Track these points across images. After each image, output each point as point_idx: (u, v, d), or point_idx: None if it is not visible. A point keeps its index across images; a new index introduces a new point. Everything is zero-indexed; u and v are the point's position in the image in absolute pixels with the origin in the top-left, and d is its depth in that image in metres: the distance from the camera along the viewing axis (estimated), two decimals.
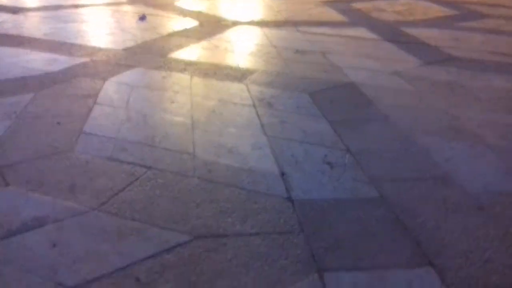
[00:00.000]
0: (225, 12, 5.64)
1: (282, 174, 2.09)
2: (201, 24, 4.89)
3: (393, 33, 4.77)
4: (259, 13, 5.73)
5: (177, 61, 3.63)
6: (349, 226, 1.73)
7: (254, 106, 2.84)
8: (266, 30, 4.75)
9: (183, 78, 3.26)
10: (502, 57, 4.02)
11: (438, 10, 6.12)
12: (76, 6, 5.54)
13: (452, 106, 2.91)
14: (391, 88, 3.20)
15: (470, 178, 2.10)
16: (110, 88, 3.00)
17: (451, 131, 2.56)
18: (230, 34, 4.57)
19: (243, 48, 4.10)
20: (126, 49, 3.85)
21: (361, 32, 4.78)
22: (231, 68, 3.53)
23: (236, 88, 3.12)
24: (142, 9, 5.54)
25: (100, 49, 3.81)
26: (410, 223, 1.76)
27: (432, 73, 3.53)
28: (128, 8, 5.60)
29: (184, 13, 5.43)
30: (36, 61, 3.44)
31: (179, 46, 4.02)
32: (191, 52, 3.89)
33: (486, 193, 1.99)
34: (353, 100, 3.00)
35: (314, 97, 2.99)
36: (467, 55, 4.02)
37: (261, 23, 5.07)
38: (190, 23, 4.93)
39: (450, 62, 3.82)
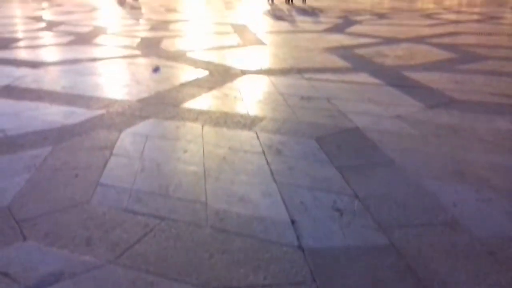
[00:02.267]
0: (234, 61, 5.88)
1: (292, 222, 2.15)
2: (211, 74, 5.10)
3: (395, 77, 4.93)
4: (266, 61, 5.95)
5: (190, 110, 3.78)
6: (361, 275, 1.77)
7: (263, 153, 2.94)
8: (273, 78, 4.94)
9: (195, 127, 3.39)
10: (504, 99, 4.12)
11: (438, 54, 6.31)
12: (94, 60, 5.82)
13: (456, 149, 2.99)
14: (396, 132, 3.29)
15: (478, 222, 2.14)
16: (126, 139, 3.13)
17: (457, 175, 2.63)
18: (239, 82, 4.75)
19: (252, 96, 4.26)
20: (140, 100, 4.03)
21: (364, 77, 4.94)
22: (240, 116, 3.67)
23: (245, 136, 3.24)
24: (155, 61, 5.80)
25: (116, 101, 3.99)
26: (422, 271, 1.79)
27: (435, 116, 3.63)
28: (142, 61, 5.86)
29: (195, 63, 5.67)
30: (55, 114, 3.61)
31: (191, 96, 4.19)
32: (202, 101, 4.05)
33: (496, 237, 2.03)
34: (359, 145, 3.09)
35: (321, 143, 3.09)
36: (469, 98, 4.13)
37: (268, 71, 5.27)
38: (201, 73, 5.15)
39: (452, 105, 3.92)
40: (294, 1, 17.78)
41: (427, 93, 4.28)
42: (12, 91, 4.28)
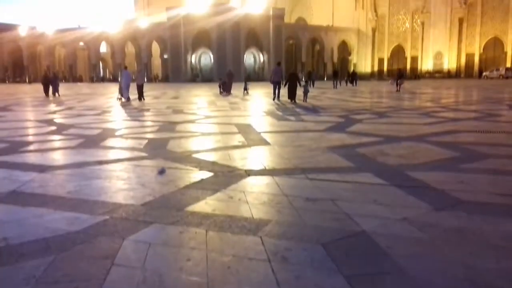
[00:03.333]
0: (239, 162, 5.98)
1: None
2: (216, 175, 5.16)
3: (399, 177, 4.96)
4: (270, 161, 6.05)
5: (194, 214, 3.76)
6: None
7: (268, 260, 2.86)
8: (277, 178, 4.98)
9: (199, 233, 3.34)
10: (510, 199, 4.09)
11: (439, 153, 6.42)
12: (100, 163, 5.94)
13: (466, 255, 2.90)
14: (403, 237, 3.22)
15: None
16: (128, 247, 3.08)
17: (469, 284, 2.52)
18: (243, 184, 4.79)
19: (256, 198, 4.25)
20: (145, 204, 4.03)
21: (368, 177, 4.98)
22: (245, 219, 3.63)
23: (250, 242, 3.17)
24: (161, 162, 5.92)
25: (120, 205, 4.00)
26: None
27: (442, 219, 3.58)
28: (148, 163, 5.98)
29: (200, 164, 5.77)
30: (59, 221, 3.59)
31: (196, 199, 4.19)
32: (206, 205, 4.04)
33: None
34: (366, 251, 3.01)
35: (328, 249, 3.02)
36: (475, 199, 4.11)
37: (273, 171, 5.33)
38: (206, 174, 5.21)
39: (459, 206, 3.89)
40: (296, 99, 18.66)
41: (432, 194, 4.27)
42: (17, 197, 4.31)
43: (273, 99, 20.13)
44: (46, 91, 27.03)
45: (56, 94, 27.04)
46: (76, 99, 23.70)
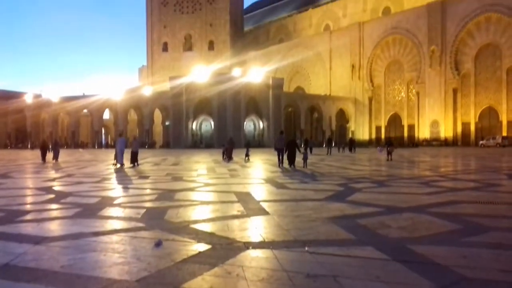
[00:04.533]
0: (237, 232, 5.88)
1: None
2: (214, 248, 5.05)
3: (401, 251, 4.85)
4: (270, 233, 5.95)
5: None
6: None
7: None
8: (277, 252, 4.87)
9: None
10: None
11: (440, 225, 6.33)
12: (96, 234, 5.84)
13: None
14: None
15: None
16: None
17: None
18: (242, 257, 4.67)
19: (255, 273, 4.13)
20: (139, 280, 3.91)
21: (370, 251, 4.87)
22: None
23: None
24: (158, 234, 5.81)
25: (114, 281, 3.87)
26: None
27: None
28: (145, 234, 5.88)
29: (198, 236, 5.67)
30: None
31: (192, 275, 4.07)
32: (204, 281, 3.91)
33: None
34: None
35: None
36: (480, 275, 3.99)
37: (272, 244, 5.22)
38: (204, 246, 5.10)
39: (463, 283, 3.78)
40: (296, 165, 18.89)
41: (436, 270, 4.15)
42: (9, 271, 4.19)
43: (278, 165, 21.33)
44: (43, 157, 27.44)
45: (55, 161, 27.31)
46: (76, 165, 23.80)
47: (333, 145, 42.74)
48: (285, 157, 20.79)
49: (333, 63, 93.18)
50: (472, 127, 72.93)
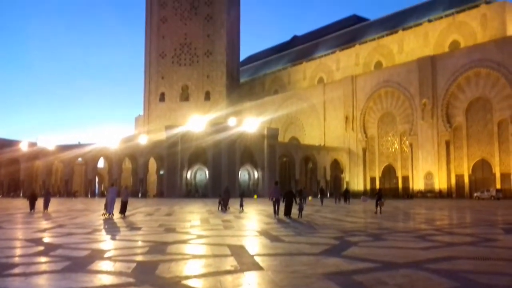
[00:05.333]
0: None
1: None
2: None
3: None
4: None
5: None
6: None
7: None
8: None
9: None
10: None
11: (438, 282, 6.20)
12: None
13: None
14: None
15: None
16: None
17: None
18: None
19: None
20: None
21: None
22: None
23: None
24: None
25: None
26: None
27: None
28: None
29: None
30: None
31: None
32: None
33: None
34: None
35: None
36: None
37: None
38: None
39: None
40: (291, 216, 18.78)
41: None
42: None
43: (274, 216, 21.46)
44: (32, 206, 26.95)
45: (45, 210, 26.85)
46: (68, 215, 23.40)
47: (327, 196, 42.51)
48: (281, 207, 20.94)
49: (327, 114, 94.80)
50: (466, 179, 73.19)
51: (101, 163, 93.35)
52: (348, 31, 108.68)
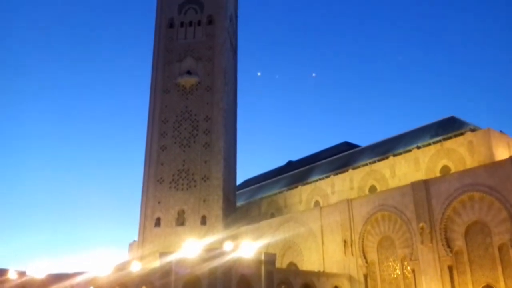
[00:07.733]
0: None
1: None
2: None
3: None
4: None
5: None
6: None
7: None
8: None
9: None
10: None
11: None
12: None
13: None
14: None
15: None
16: None
17: None
18: None
19: None
20: None
21: None
22: None
23: None
24: None
25: None
26: None
27: None
28: None
29: None
30: None
31: None
32: None
33: None
34: None
35: None
36: None
37: None
38: None
39: None
40: None
41: None
42: None
43: None
44: None
45: None
46: None
47: None
48: None
49: (325, 238, 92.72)
50: None
51: None
52: (341, 157, 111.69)
